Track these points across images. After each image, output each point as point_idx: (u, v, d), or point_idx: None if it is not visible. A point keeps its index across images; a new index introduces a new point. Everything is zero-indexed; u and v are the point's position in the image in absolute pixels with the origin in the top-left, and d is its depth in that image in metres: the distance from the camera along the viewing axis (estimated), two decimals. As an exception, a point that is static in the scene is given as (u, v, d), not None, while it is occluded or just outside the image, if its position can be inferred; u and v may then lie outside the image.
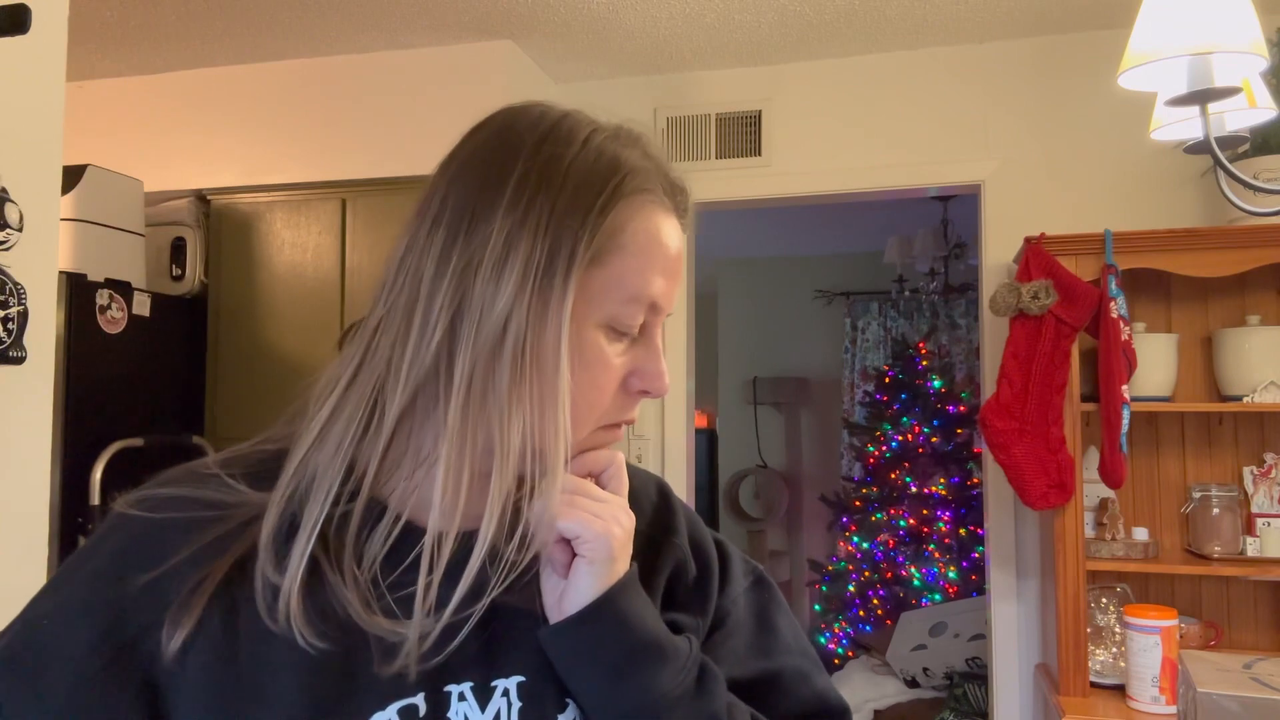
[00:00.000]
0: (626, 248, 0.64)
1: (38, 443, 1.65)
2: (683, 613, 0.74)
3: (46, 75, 1.67)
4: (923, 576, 4.64)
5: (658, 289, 0.66)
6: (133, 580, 0.60)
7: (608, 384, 0.66)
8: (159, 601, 0.60)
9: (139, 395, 2.67)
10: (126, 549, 0.62)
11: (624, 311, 0.64)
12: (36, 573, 1.64)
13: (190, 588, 0.60)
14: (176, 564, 0.61)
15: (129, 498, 0.64)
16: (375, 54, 2.93)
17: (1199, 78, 1.18)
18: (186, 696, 0.59)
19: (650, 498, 0.79)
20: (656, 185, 0.67)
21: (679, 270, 0.68)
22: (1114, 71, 1.29)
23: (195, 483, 0.65)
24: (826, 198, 3.03)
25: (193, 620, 0.59)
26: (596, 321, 0.64)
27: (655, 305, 0.66)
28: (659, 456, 3.07)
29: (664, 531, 0.77)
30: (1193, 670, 1.30)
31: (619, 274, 0.64)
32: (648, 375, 0.67)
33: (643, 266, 0.65)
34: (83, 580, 0.62)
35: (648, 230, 0.66)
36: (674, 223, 0.68)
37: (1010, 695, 2.74)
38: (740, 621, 0.77)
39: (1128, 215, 2.65)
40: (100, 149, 2.90)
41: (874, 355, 5.70)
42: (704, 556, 0.78)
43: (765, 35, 2.80)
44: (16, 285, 1.58)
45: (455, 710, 0.62)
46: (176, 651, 0.59)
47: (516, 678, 0.64)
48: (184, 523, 0.62)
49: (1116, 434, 2.23)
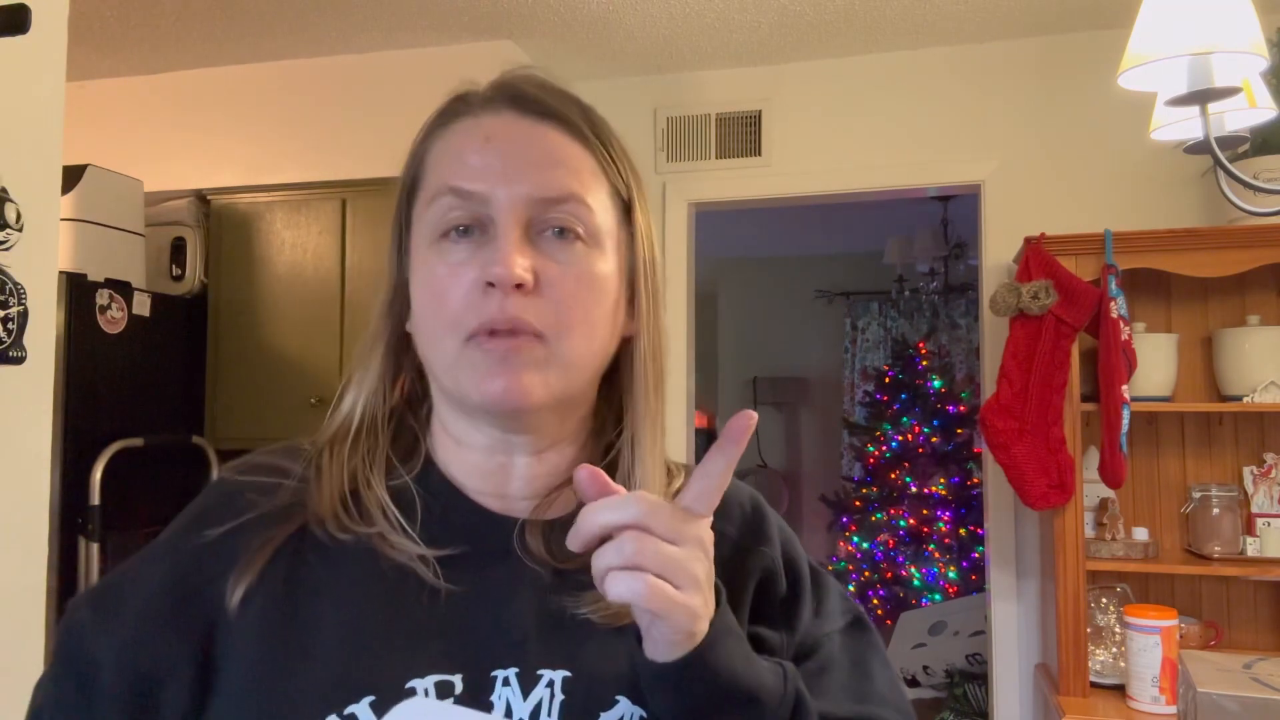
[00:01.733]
0: (429, 168, 0.69)
1: (38, 443, 1.65)
2: (769, 627, 0.71)
3: (46, 75, 1.67)
4: (923, 576, 4.64)
5: (456, 175, 0.66)
6: (208, 534, 0.66)
7: (447, 289, 0.65)
8: (229, 555, 0.65)
9: (139, 395, 2.67)
10: (208, 506, 0.69)
11: (432, 213, 0.66)
12: (37, 573, 1.64)
13: (258, 544, 0.65)
14: (247, 522, 0.66)
15: (230, 464, 0.72)
16: (375, 54, 2.93)
17: (1199, 78, 1.18)
18: (240, 645, 0.63)
19: (743, 505, 0.76)
20: (465, 106, 0.69)
21: (500, 146, 0.66)
22: (1114, 71, 1.29)
23: (287, 455, 0.71)
24: (826, 198, 3.03)
25: (254, 574, 0.64)
26: (427, 239, 0.67)
27: (467, 192, 0.65)
28: (659, 456, 3.06)
29: (754, 539, 0.74)
30: (1193, 670, 1.30)
31: (426, 189, 0.68)
32: (487, 262, 0.64)
33: (442, 168, 0.67)
34: (171, 533, 0.69)
35: (446, 142, 0.68)
36: (487, 119, 0.68)
37: (1010, 695, 2.74)
38: (834, 659, 0.73)
39: (1128, 215, 2.65)
40: (100, 149, 2.90)
41: (874, 355, 5.70)
42: (796, 574, 0.75)
43: (765, 35, 2.80)
44: (16, 285, 1.58)
45: (498, 694, 0.62)
46: (238, 602, 0.63)
47: (563, 671, 0.63)
48: (263, 487, 0.68)
49: (1116, 434, 2.23)
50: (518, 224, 0.64)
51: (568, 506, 0.69)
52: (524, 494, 0.70)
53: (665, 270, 3.04)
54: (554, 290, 0.64)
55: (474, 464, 0.70)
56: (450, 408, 0.70)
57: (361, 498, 0.67)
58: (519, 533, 0.67)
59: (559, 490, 0.70)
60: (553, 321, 0.64)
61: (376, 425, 0.70)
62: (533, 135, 0.67)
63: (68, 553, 2.37)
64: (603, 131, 0.70)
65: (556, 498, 0.70)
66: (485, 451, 0.69)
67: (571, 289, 0.65)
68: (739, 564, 0.72)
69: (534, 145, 0.66)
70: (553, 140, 0.67)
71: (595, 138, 0.69)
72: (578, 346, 0.65)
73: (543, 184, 0.65)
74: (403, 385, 0.73)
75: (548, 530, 0.68)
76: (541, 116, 0.67)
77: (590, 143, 0.68)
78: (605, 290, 0.67)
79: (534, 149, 0.66)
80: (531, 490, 0.70)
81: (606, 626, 0.64)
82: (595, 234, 0.67)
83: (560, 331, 0.64)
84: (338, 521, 0.65)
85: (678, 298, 3.08)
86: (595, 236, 0.67)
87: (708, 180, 3.06)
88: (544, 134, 0.67)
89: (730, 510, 0.75)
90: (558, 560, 0.66)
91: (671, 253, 3.08)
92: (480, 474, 0.70)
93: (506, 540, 0.67)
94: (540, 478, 0.70)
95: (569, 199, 0.65)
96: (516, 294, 0.63)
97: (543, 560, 0.67)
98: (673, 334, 3.08)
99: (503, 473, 0.69)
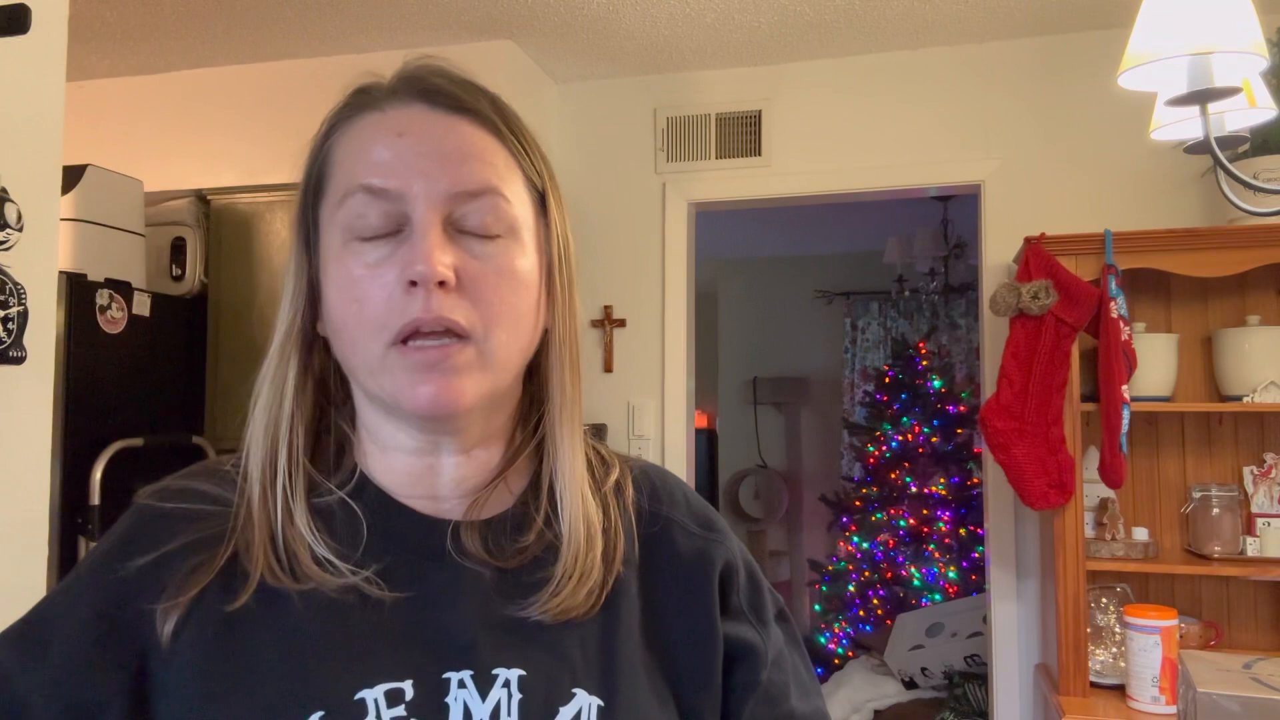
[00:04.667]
0: (337, 165, 0.66)
1: (38, 443, 1.65)
2: (744, 624, 0.72)
3: (46, 75, 1.67)
4: (922, 576, 4.64)
5: (369, 172, 0.63)
6: (133, 563, 0.63)
7: (367, 291, 0.62)
8: (155, 584, 0.63)
9: (139, 395, 2.66)
10: (133, 534, 0.66)
11: (344, 213, 0.64)
12: (37, 573, 1.64)
13: (186, 573, 0.63)
14: (173, 550, 0.64)
15: (148, 488, 0.68)
16: (375, 54, 2.93)
17: (1199, 78, 1.18)
18: (175, 674, 0.61)
19: (686, 496, 0.77)
20: (370, 100, 0.67)
21: (412, 141, 0.64)
22: (1114, 71, 1.29)
23: (209, 478, 0.69)
24: (826, 198, 3.03)
25: (185, 604, 0.62)
26: (340, 240, 0.64)
27: (381, 189, 0.62)
28: (659, 457, 3.06)
29: (707, 529, 0.75)
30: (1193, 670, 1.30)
31: (335, 188, 0.65)
32: (408, 260, 0.61)
33: (352, 165, 0.64)
34: (92, 563, 0.66)
35: (353, 137, 0.66)
36: (395, 113, 0.65)
37: (1010, 695, 2.74)
38: (784, 654, 0.75)
39: (1128, 215, 2.65)
40: (100, 149, 2.90)
41: (874, 355, 5.70)
42: (749, 565, 0.76)
43: (765, 35, 2.80)
44: (16, 285, 1.58)
45: (454, 696, 0.61)
46: (168, 633, 0.61)
47: (517, 670, 0.63)
48: (189, 513, 0.66)
49: (1116, 434, 2.23)
50: (436, 220, 0.62)
51: (502, 504, 0.69)
52: (454, 494, 0.69)
53: (665, 269, 3.05)
54: (477, 287, 0.63)
55: (401, 467, 0.68)
56: (374, 411, 0.68)
57: (291, 545, 0.64)
58: (453, 535, 0.67)
59: (490, 488, 0.69)
60: (478, 319, 0.62)
61: (295, 441, 0.67)
62: (445, 128, 0.65)
63: (68, 553, 2.37)
64: (514, 122, 0.68)
65: (488, 496, 0.69)
66: (412, 454, 0.68)
67: (494, 284, 0.64)
68: (699, 555, 0.72)
69: (447, 138, 0.64)
70: (465, 133, 0.65)
71: (507, 129, 0.67)
72: (505, 343, 0.64)
73: (459, 178, 0.63)
74: (313, 391, 0.70)
75: (485, 530, 0.67)
76: (452, 109, 0.66)
77: (503, 134, 0.67)
78: (528, 284, 0.66)
79: (447, 142, 0.64)
80: (462, 490, 0.69)
81: (554, 623, 0.65)
82: (514, 227, 0.65)
83: (487, 329, 0.63)
84: (272, 574, 0.63)
85: (678, 298, 3.08)
86: (514, 230, 0.65)
87: (708, 180, 3.06)
88: (456, 126, 0.65)
89: (675, 498, 0.76)
90: (498, 560, 0.66)
91: (671, 253, 3.08)
92: (409, 477, 0.68)
93: (442, 543, 0.66)
94: (470, 478, 0.69)
95: (486, 192, 0.64)
96: (440, 291, 0.61)
97: (482, 561, 0.66)
98: (673, 334, 3.08)
99: (431, 474, 0.68)
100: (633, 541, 0.71)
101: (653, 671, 0.67)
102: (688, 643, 0.69)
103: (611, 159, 3.11)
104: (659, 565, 0.71)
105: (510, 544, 0.67)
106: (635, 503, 0.73)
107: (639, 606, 0.69)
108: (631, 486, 0.74)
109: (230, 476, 0.68)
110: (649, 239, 3.09)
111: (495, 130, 0.67)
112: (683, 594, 0.70)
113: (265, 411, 0.69)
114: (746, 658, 0.71)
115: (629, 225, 3.10)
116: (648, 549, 0.71)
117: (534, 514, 0.69)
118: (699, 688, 0.69)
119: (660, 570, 0.71)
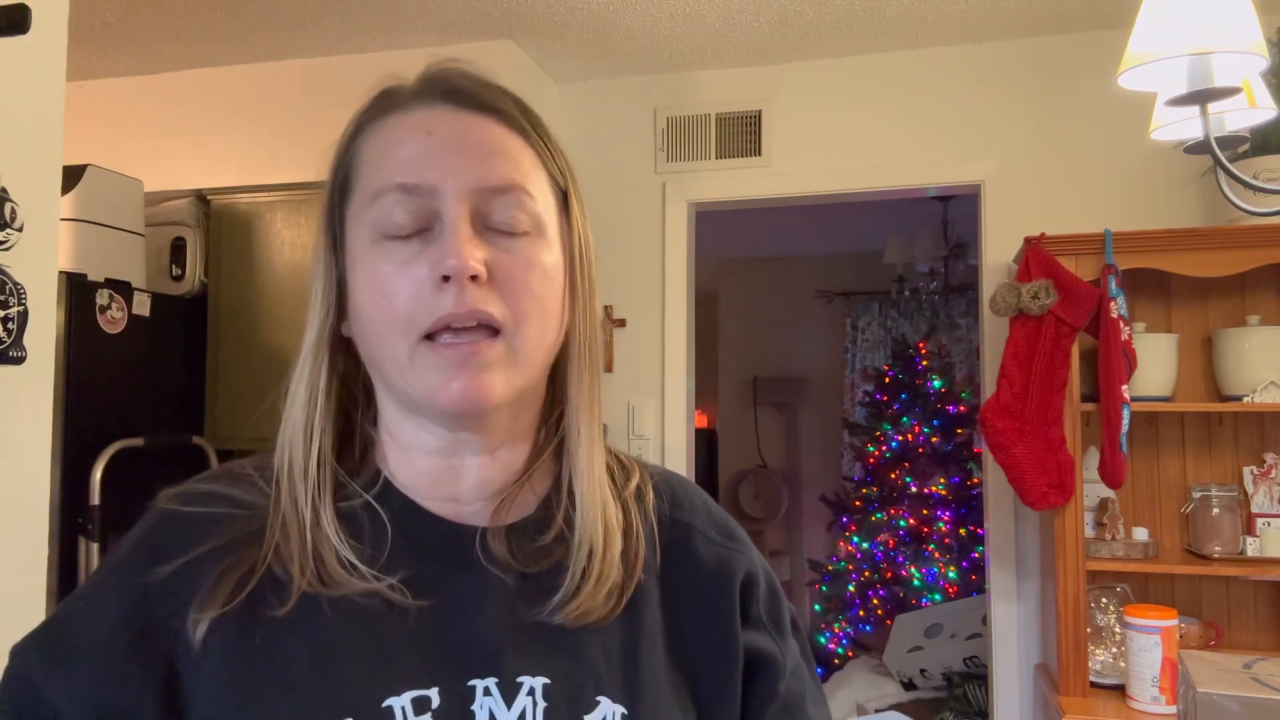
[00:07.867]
0: (365, 165, 0.66)
1: (38, 443, 1.65)
2: (765, 635, 0.72)
3: (46, 75, 1.67)
4: (922, 576, 4.64)
5: (400, 171, 0.64)
6: (159, 569, 0.63)
7: (396, 288, 0.62)
8: (183, 590, 0.62)
9: (139, 395, 2.66)
10: (157, 540, 0.65)
11: (374, 211, 0.64)
12: (37, 573, 1.64)
13: (215, 578, 0.62)
14: (200, 555, 0.63)
15: (169, 492, 0.68)
16: (375, 54, 2.93)
17: (1199, 78, 1.18)
18: (206, 682, 0.61)
19: (707, 504, 0.77)
20: (396, 102, 0.67)
21: (441, 139, 0.65)
22: (1114, 71, 1.29)
23: (231, 481, 0.68)
24: (826, 198, 3.03)
25: (215, 609, 0.61)
26: (369, 239, 0.64)
27: (413, 186, 0.63)
28: (659, 457, 3.06)
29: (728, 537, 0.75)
30: (1193, 670, 1.30)
31: (364, 187, 0.65)
32: (439, 256, 0.61)
33: (382, 165, 0.65)
34: (115, 567, 0.65)
35: (380, 137, 0.66)
36: (421, 113, 0.66)
37: (1010, 695, 2.74)
38: (800, 666, 0.75)
39: (1128, 215, 2.65)
40: (100, 149, 2.90)
41: (874, 355, 5.70)
42: (769, 575, 0.76)
43: (765, 35, 2.80)
44: (16, 285, 1.58)
45: (480, 704, 0.61)
46: (198, 639, 0.61)
47: (542, 678, 0.63)
48: (214, 517, 0.65)
49: (1116, 434, 2.23)
50: (466, 215, 0.63)
51: (526, 508, 0.69)
52: (478, 496, 0.68)
53: (665, 269, 3.05)
54: (507, 281, 0.63)
55: (423, 469, 0.68)
56: (398, 411, 0.68)
57: (319, 548, 0.64)
58: (481, 542, 0.67)
59: (514, 491, 0.69)
60: (509, 312, 0.63)
61: (325, 444, 0.67)
62: (472, 126, 0.66)
63: (68, 553, 2.37)
64: (537, 122, 0.69)
65: (513, 499, 0.69)
66: (435, 455, 0.68)
67: (524, 278, 0.64)
68: (721, 564, 0.72)
69: (474, 136, 0.65)
70: (491, 131, 0.66)
71: (531, 128, 0.68)
72: (534, 338, 0.65)
73: (487, 174, 0.64)
74: (338, 393, 0.70)
75: (510, 535, 0.67)
76: (477, 108, 0.66)
77: (527, 133, 0.68)
78: (554, 280, 0.67)
79: (474, 140, 0.65)
80: (485, 493, 0.69)
81: (576, 627, 0.65)
82: (539, 224, 0.66)
83: (518, 323, 0.63)
84: (304, 579, 0.63)
85: (678, 298, 3.08)
86: (540, 226, 0.66)
87: (708, 180, 3.06)
88: (482, 125, 0.66)
89: (696, 505, 0.76)
90: (522, 565, 0.66)
91: (671, 253, 3.08)
92: (431, 479, 0.68)
93: (469, 550, 0.66)
94: (494, 480, 0.69)
95: (513, 188, 0.65)
96: (472, 285, 0.61)
97: (507, 565, 0.66)
98: (673, 334, 3.08)
99: (454, 476, 0.68)
100: (654, 547, 0.71)
101: (675, 680, 0.67)
102: (709, 652, 0.69)
103: (611, 159, 3.11)
104: (680, 572, 0.71)
105: (533, 548, 0.67)
106: (656, 508, 0.73)
107: (660, 614, 0.69)
108: (652, 492, 0.74)
109: (252, 480, 0.68)
110: (649, 239, 3.09)
111: (520, 129, 0.67)
112: (704, 603, 0.70)
113: (303, 411, 0.68)
114: (766, 668, 0.71)
115: (629, 225, 3.10)
116: (669, 555, 0.71)
117: (556, 515, 0.69)
118: (719, 697, 0.69)
119: (681, 578, 0.71)
